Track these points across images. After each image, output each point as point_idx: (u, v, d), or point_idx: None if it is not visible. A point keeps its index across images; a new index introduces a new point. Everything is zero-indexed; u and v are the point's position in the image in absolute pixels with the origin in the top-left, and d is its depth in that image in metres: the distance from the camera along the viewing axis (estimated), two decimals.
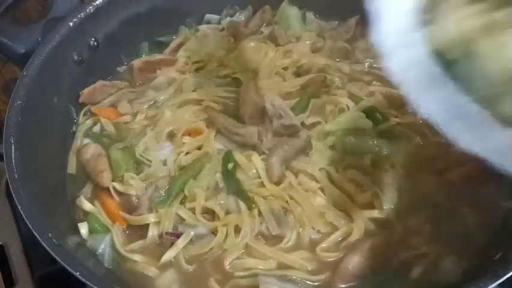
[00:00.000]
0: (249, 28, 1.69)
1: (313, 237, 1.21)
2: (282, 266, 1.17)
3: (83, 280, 1.03)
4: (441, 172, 1.29)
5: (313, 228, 1.21)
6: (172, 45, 1.66)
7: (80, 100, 1.49)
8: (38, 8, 1.86)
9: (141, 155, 1.35)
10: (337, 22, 1.70)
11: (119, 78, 1.59)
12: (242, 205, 1.23)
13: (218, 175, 1.30)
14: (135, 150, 1.36)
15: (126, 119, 1.48)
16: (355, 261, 1.14)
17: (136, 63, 1.58)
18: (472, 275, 1.08)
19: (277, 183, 1.27)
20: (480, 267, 1.10)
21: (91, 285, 1.03)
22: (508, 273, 0.99)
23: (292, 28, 1.67)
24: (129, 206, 1.28)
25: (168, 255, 1.19)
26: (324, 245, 1.19)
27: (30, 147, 1.26)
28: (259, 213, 1.22)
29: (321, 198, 1.26)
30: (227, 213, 1.24)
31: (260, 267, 1.16)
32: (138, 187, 1.29)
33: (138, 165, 1.35)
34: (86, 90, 1.50)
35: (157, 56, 1.62)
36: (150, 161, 1.34)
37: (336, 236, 1.20)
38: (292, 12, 1.69)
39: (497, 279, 0.98)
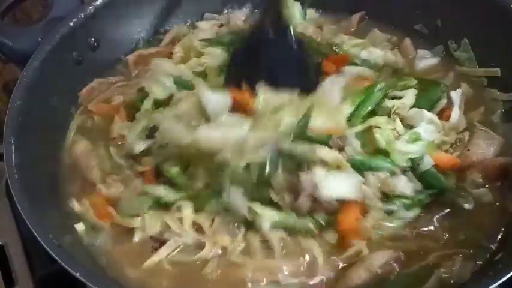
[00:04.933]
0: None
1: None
2: (270, 272, 1.14)
3: (83, 280, 1.03)
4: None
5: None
6: (166, 39, 1.64)
7: (79, 101, 1.49)
8: (38, 8, 1.87)
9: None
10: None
11: (116, 75, 1.58)
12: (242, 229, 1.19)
13: None
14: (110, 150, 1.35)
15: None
16: (360, 274, 1.11)
17: (131, 57, 1.58)
18: (473, 275, 1.09)
19: None
20: (481, 267, 1.11)
21: (91, 285, 1.03)
22: (508, 273, 0.99)
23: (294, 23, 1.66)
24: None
25: (151, 261, 1.17)
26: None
27: (30, 147, 1.26)
28: None
29: None
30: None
31: (247, 274, 1.14)
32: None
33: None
34: (84, 91, 1.50)
35: (151, 49, 1.61)
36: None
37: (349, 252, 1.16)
38: (294, 8, 1.69)
39: (497, 279, 0.98)
